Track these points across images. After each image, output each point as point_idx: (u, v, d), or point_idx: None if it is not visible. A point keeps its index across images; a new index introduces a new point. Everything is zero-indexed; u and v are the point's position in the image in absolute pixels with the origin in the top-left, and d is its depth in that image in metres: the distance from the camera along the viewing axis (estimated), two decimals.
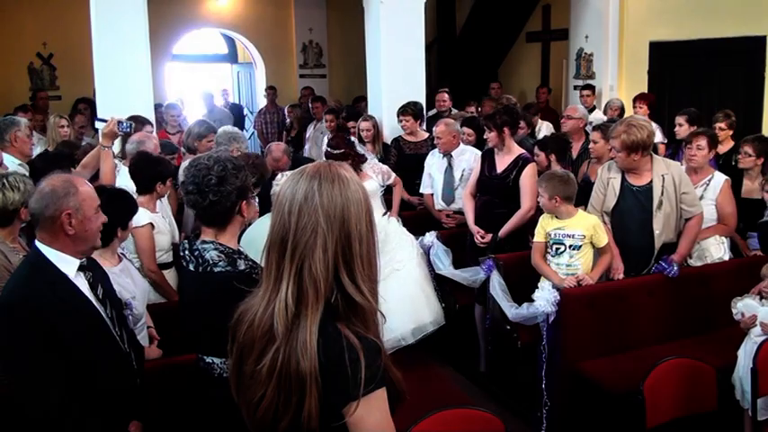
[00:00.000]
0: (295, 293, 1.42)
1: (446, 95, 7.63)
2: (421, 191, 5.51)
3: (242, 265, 2.28)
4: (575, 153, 5.87)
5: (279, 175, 4.11)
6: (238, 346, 1.53)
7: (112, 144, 4.11)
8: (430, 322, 4.52)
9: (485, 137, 4.75)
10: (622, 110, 7.05)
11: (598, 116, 7.17)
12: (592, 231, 3.91)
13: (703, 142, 4.45)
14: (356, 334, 1.40)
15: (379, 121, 6.42)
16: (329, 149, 4.64)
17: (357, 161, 4.63)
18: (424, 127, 6.54)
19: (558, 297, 3.74)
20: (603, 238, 3.93)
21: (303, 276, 1.42)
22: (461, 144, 5.39)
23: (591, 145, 5.00)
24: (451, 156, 5.31)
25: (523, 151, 4.87)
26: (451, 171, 5.29)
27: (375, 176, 4.74)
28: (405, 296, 4.45)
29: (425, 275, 4.67)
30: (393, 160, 5.92)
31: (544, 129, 7.47)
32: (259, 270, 1.93)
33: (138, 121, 5.03)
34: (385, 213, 4.68)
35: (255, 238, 3.06)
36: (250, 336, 1.49)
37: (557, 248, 3.96)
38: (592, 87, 7.95)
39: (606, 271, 3.99)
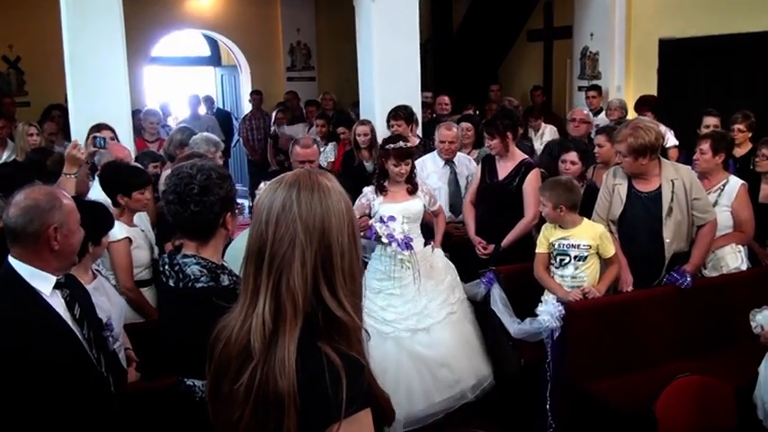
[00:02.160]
0: (272, 309, 1.42)
1: (446, 99, 7.70)
2: None
3: (226, 281, 2.28)
4: None
5: (261, 184, 4.10)
6: (215, 365, 1.54)
7: (77, 170, 3.99)
8: (487, 375, 4.32)
9: (486, 145, 4.78)
10: (625, 111, 7.09)
11: (606, 119, 7.21)
12: (598, 241, 3.94)
13: (706, 146, 4.49)
14: (337, 351, 1.40)
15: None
16: (393, 144, 4.34)
17: (414, 172, 4.45)
18: (419, 132, 6.58)
19: (563, 311, 3.76)
20: (610, 249, 3.95)
21: (281, 290, 1.42)
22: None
23: (596, 149, 5.04)
24: (453, 162, 5.34)
25: (526, 156, 4.91)
26: (456, 179, 5.31)
27: (423, 196, 4.44)
28: (463, 344, 4.29)
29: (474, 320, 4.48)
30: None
31: (547, 133, 7.52)
32: None
33: (99, 128, 5.04)
34: (427, 243, 4.47)
35: (241, 251, 3.07)
36: (227, 354, 1.49)
37: (561, 260, 3.98)
38: (598, 88, 8.01)
39: (614, 283, 4.02)
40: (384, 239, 4.00)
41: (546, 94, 9.58)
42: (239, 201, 5.10)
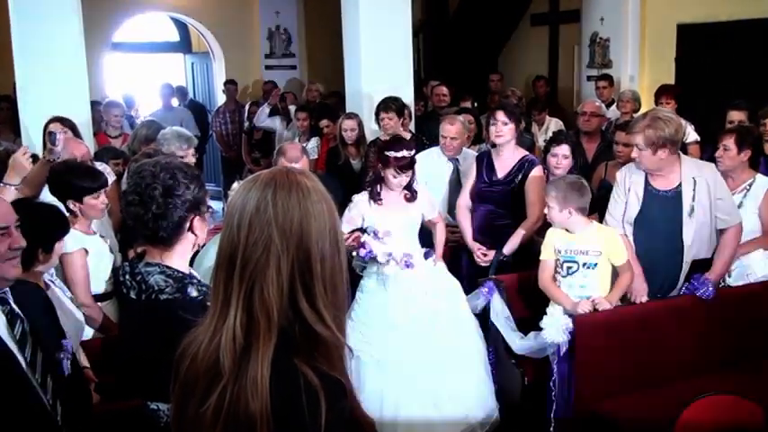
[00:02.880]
0: (244, 321, 1.42)
1: (445, 89, 7.72)
2: None
3: (193, 292, 2.28)
4: (590, 155, 5.96)
5: (235, 184, 4.04)
6: (180, 384, 1.54)
7: (20, 181, 3.81)
8: (494, 407, 4.20)
9: (497, 133, 4.75)
10: (639, 103, 7.12)
11: (617, 112, 7.25)
12: (609, 246, 3.95)
13: (730, 142, 4.50)
14: (316, 371, 1.40)
15: None
16: (395, 153, 4.19)
17: (413, 178, 4.35)
18: (412, 127, 6.59)
19: (571, 325, 3.77)
20: (623, 254, 3.96)
21: (253, 301, 1.42)
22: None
23: (619, 148, 5.07)
24: (458, 160, 5.34)
25: (527, 153, 4.93)
26: (459, 178, 5.31)
27: (421, 204, 4.38)
28: (472, 373, 4.17)
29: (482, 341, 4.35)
30: (372, 166, 5.95)
31: (553, 127, 7.54)
32: None
33: (55, 121, 4.98)
34: (428, 254, 4.35)
35: (211, 260, 3.05)
36: (193, 372, 1.49)
37: (568, 267, 3.99)
38: (609, 78, 8.03)
39: (627, 293, 4.03)
40: (381, 258, 3.96)
41: (551, 85, 9.62)
42: (211, 203, 5.09)
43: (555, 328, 3.79)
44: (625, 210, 4.15)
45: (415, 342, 4.08)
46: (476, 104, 8.11)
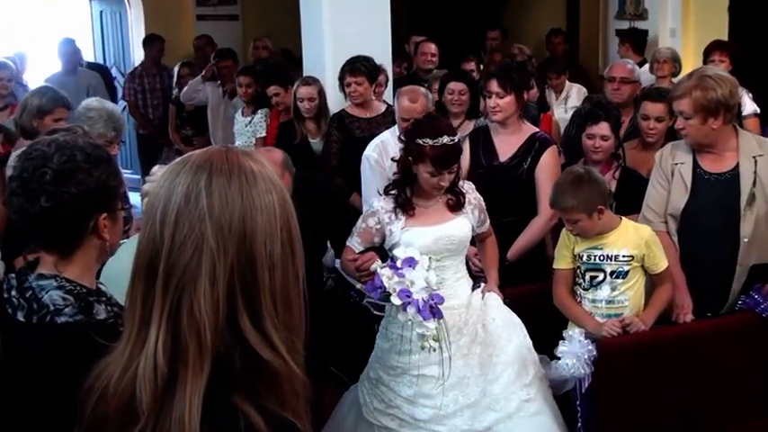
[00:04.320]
0: (168, 346, 1.41)
1: (433, 47, 7.74)
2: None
3: (102, 313, 2.26)
4: (621, 132, 5.99)
5: (155, 168, 3.95)
6: (86, 426, 1.53)
7: None
8: None
9: (491, 106, 4.79)
10: (679, 65, 7.17)
11: (651, 76, 7.30)
12: (644, 250, 3.97)
13: None
14: (262, 411, 1.40)
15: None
16: (431, 140, 3.80)
17: (459, 175, 4.07)
18: (389, 95, 6.57)
19: (595, 352, 3.79)
20: (661, 260, 3.99)
21: (181, 319, 1.41)
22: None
23: (650, 124, 5.09)
24: None
25: (537, 129, 4.96)
26: None
27: (470, 212, 4.08)
28: None
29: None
30: (335, 147, 5.97)
31: (574, 95, 7.60)
32: None
33: None
34: (476, 286, 4.13)
35: (124, 269, 3.01)
36: (102, 412, 1.48)
37: (592, 278, 4.02)
38: (642, 34, 8.08)
39: (667, 310, 4.05)
40: (396, 299, 3.40)
41: (570, 42, 9.66)
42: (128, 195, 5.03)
43: (574, 356, 3.80)
44: (668, 200, 4.19)
45: (462, 407, 3.84)
46: (481, 66, 8.09)
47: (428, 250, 3.66)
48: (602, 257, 4.00)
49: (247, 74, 7.50)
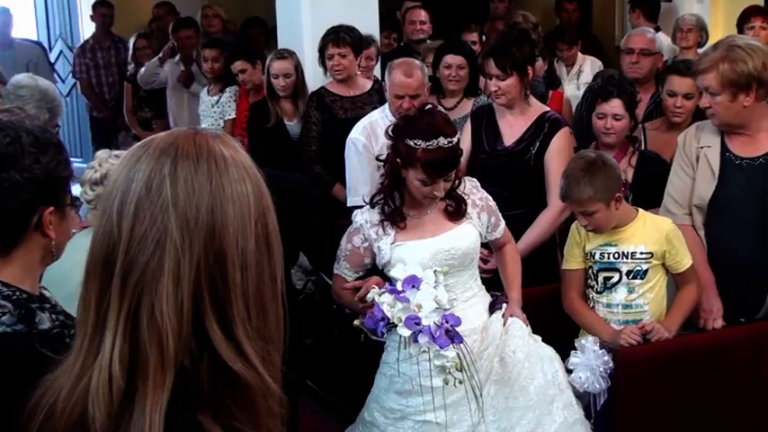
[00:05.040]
0: (126, 355, 1.41)
1: (423, 14, 7.71)
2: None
3: (45, 322, 2.24)
4: (639, 111, 6.01)
5: (101, 153, 3.83)
6: None
7: None
8: None
9: (495, 91, 4.77)
10: (705, 34, 7.18)
11: (672, 46, 7.31)
12: (664, 245, 3.98)
13: None
14: (230, 430, 1.41)
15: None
16: (424, 142, 3.63)
17: (459, 177, 3.90)
18: (378, 70, 6.57)
19: (611, 364, 3.79)
20: (685, 257, 4.00)
21: (140, 325, 1.40)
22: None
23: (677, 101, 5.09)
24: None
25: (546, 108, 4.95)
26: None
27: (476, 217, 3.95)
28: None
29: None
30: (315, 131, 5.96)
31: (588, 69, 7.60)
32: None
33: None
34: (496, 306, 3.97)
35: (71, 272, 2.97)
36: (49, 430, 1.48)
37: (606, 279, 4.03)
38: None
39: (693, 315, 4.06)
40: (403, 330, 3.22)
41: (583, 9, 9.66)
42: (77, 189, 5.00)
43: (588, 368, 3.80)
44: (692, 188, 4.19)
45: None
46: (484, 37, 8.08)
47: (425, 268, 3.42)
48: (616, 255, 4.00)
49: (213, 46, 7.44)
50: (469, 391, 3.38)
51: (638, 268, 3.99)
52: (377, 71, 6.64)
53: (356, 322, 3.44)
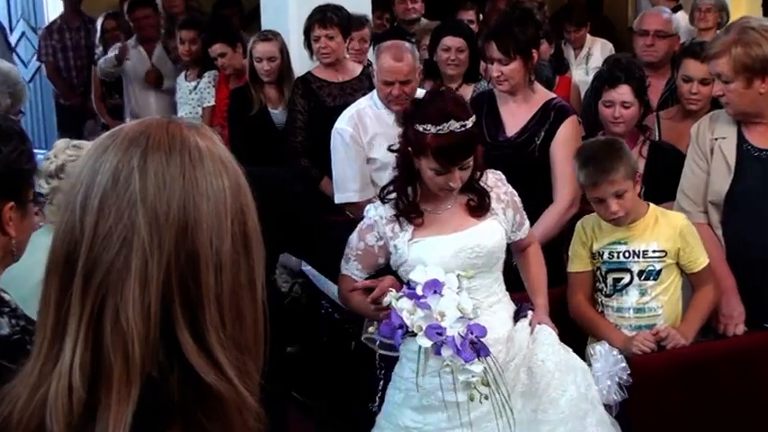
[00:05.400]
0: (87, 363, 1.39)
1: None
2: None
3: (4, 327, 2.29)
4: (654, 98, 6.00)
5: (59, 142, 3.84)
6: None
7: None
8: None
9: (495, 75, 4.80)
10: (726, 14, 7.21)
11: (690, 27, 7.32)
12: (678, 243, 3.98)
13: None
14: None
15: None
16: (435, 126, 3.56)
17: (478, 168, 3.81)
18: (370, 53, 6.57)
19: (629, 371, 3.78)
20: (701, 255, 4.00)
21: (103, 330, 1.39)
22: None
23: (693, 88, 5.07)
24: None
25: (553, 95, 4.98)
26: None
27: (501, 213, 3.87)
28: None
29: None
30: (301, 120, 5.97)
31: (598, 52, 7.63)
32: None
33: None
34: (521, 314, 3.88)
35: (31, 271, 2.99)
36: None
37: (616, 281, 4.03)
38: None
39: (711, 319, 4.06)
40: (424, 340, 3.17)
41: None
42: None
43: (609, 377, 3.79)
44: (707, 183, 4.19)
45: None
46: (482, 17, 8.11)
47: (447, 268, 3.38)
48: (627, 254, 4.01)
49: (190, 27, 7.45)
50: (496, 406, 3.32)
51: (651, 268, 3.99)
52: (370, 55, 6.60)
53: (371, 329, 3.43)
